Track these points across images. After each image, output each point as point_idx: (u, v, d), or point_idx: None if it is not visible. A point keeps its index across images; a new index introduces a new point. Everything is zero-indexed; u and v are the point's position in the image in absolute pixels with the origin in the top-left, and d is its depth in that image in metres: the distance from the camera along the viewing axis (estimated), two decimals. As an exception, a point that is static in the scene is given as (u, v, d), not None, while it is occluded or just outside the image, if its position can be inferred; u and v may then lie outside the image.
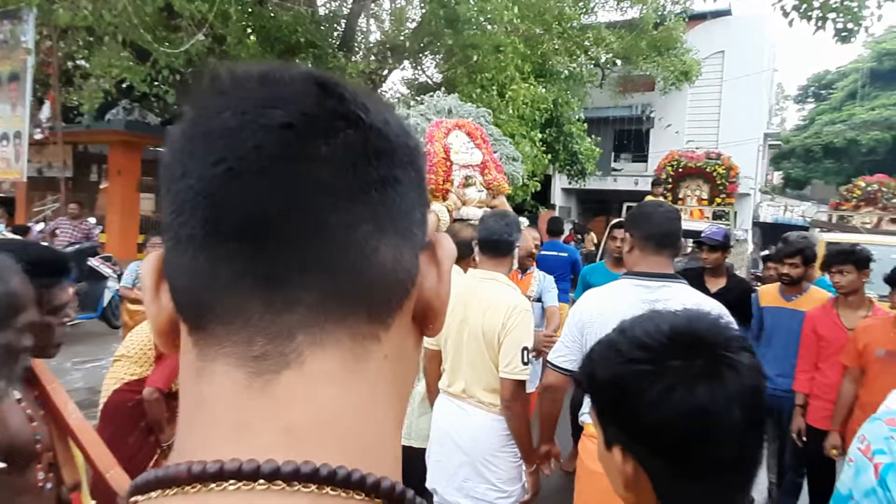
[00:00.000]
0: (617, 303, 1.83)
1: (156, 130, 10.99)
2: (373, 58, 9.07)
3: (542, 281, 3.72)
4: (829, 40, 5.27)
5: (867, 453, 0.94)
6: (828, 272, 3.00)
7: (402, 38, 8.52)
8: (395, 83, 10.33)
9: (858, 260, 2.91)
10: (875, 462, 0.92)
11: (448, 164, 3.63)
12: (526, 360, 2.15)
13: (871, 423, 0.98)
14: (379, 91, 9.64)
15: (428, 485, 2.34)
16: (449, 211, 3.98)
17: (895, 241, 4.95)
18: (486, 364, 2.23)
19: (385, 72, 9.77)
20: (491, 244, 2.27)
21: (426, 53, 9.35)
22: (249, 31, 7.39)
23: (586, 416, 1.96)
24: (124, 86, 7.58)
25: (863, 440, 0.97)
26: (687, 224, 6.10)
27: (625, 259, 2.03)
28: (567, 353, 1.96)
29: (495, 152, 4.55)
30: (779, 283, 3.34)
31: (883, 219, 5.87)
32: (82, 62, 7.56)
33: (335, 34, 9.42)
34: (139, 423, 2.61)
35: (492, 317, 2.20)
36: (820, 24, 5.30)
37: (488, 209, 3.39)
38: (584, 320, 1.93)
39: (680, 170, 8.49)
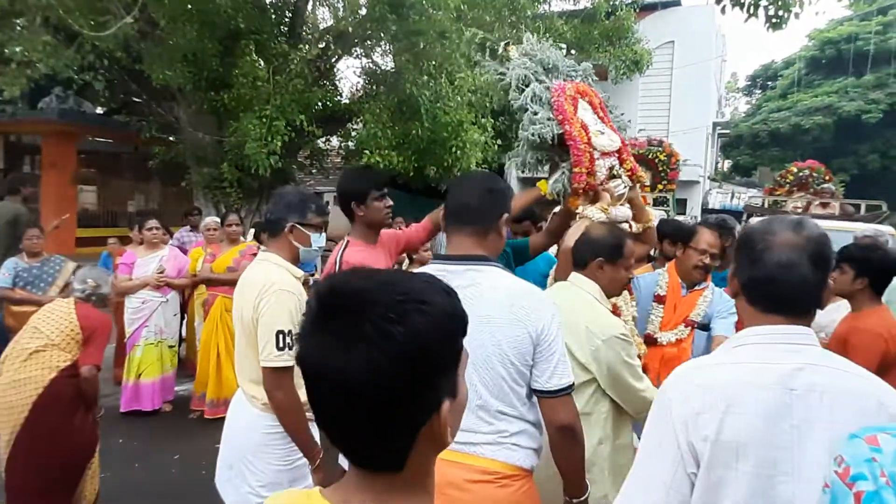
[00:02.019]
0: None
1: (93, 120, 10.55)
2: (321, 46, 8.88)
3: (714, 302, 2.96)
4: (777, 31, 5.41)
5: (845, 478, 0.81)
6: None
7: (347, 25, 8.34)
8: (341, 70, 10.12)
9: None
10: (856, 490, 0.79)
11: (591, 150, 2.57)
12: (282, 344, 1.97)
13: (850, 441, 0.85)
14: (328, 79, 9.47)
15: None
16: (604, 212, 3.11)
17: (822, 224, 5.09)
18: (247, 352, 2.09)
19: (334, 59, 9.58)
20: (262, 225, 2.24)
21: (373, 41, 9.20)
22: (186, 15, 7.10)
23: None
24: (61, 74, 7.22)
25: (840, 462, 0.83)
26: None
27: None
28: None
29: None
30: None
31: (812, 203, 6.06)
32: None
33: (283, 21, 9.17)
34: (79, 402, 2.86)
35: (247, 299, 2.07)
36: (752, 11, 5.40)
37: (624, 208, 2.69)
38: None
39: (623, 156, 8.61)
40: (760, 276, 1.24)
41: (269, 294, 2.02)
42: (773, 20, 5.35)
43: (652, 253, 4.32)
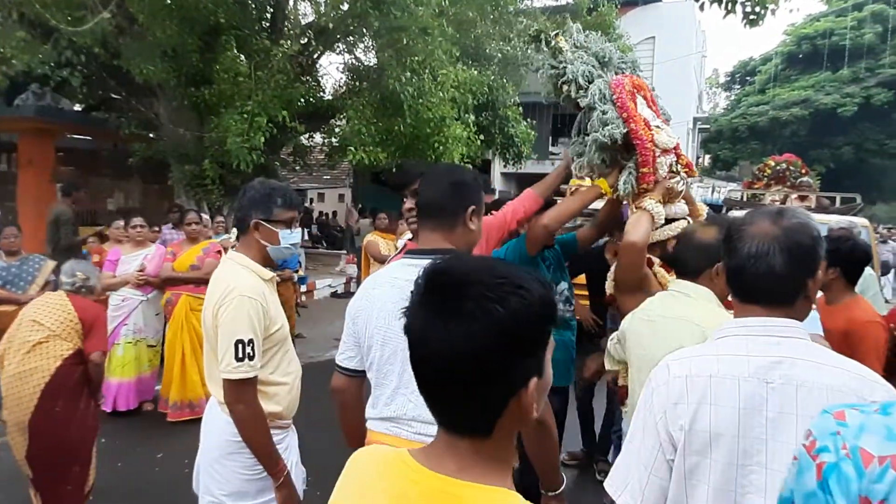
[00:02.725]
0: (384, 287, 1.66)
1: (71, 117, 10.37)
2: (303, 41, 8.82)
3: None
4: (755, 28, 5.50)
5: (811, 450, 0.83)
6: None
7: (329, 20, 8.30)
8: (323, 66, 10.08)
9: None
10: (818, 461, 0.81)
11: (654, 148, 2.46)
12: (241, 354, 1.86)
13: (821, 416, 0.87)
14: (310, 75, 9.42)
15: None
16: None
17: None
18: (212, 358, 1.99)
19: (316, 55, 9.53)
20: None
21: (355, 36, 9.16)
22: (165, 10, 7.01)
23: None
24: (37, 70, 7.09)
25: (808, 435, 0.86)
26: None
27: None
28: (346, 351, 1.76)
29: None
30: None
31: (789, 196, 6.18)
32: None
33: (264, 17, 9.10)
34: (83, 388, 3.05)
35: (208, 304, 1.98)
36: (730, 7, 5.48)
37: (682, 203, 2.62)
38: (352, 311, 1.73)
39: (605, 151, 8.68)
40: (733, 266, 1.27)
41: (229, 300, 1.89)
42: (751, 17, 5.44)
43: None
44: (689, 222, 2.56)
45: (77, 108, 10.58)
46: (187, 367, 4.83)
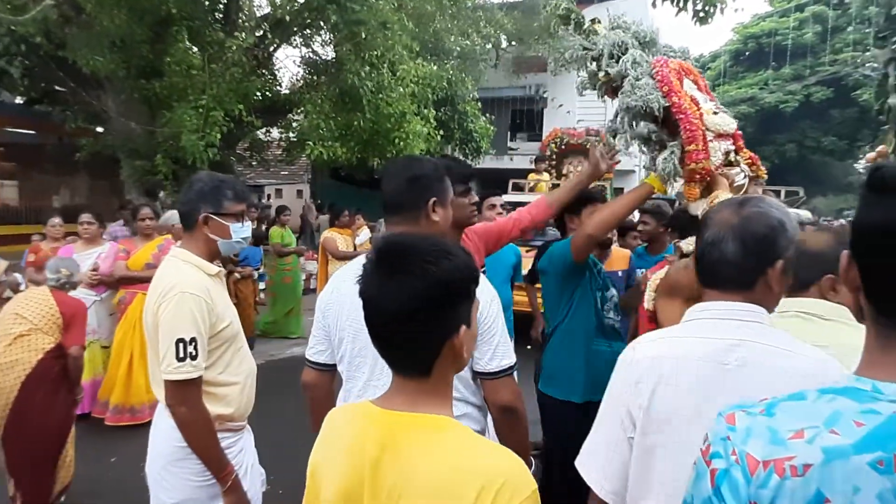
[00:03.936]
0: (348, 281, 1.60)
1: (12, 110, 9.92)
2: (258, 34, 8.63)
3: None
4: (704, 25, 5.70)
5: (706, 455, 0.83)
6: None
7: (285, 13, 8.15)
8: (280, 59, 9.90)
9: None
10: (712, 467, 0.81)
11: (703, 129, 2.13)
12: (182, 354, 1.78)
13: (716, 419, 0.86)
14: (266, 68, 9.23)
15: None
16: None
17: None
18: (154, 359, 1.91)
19: (272, 48, 9.34)
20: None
21: (313, 29, 9.03)
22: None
23: None
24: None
25: (704, 440, 0.86)
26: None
27: None
28: (316, 345, 1.75)
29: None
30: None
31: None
32: None
33: (217, 8, 8.86)
34: (63, 381, 3.13)
35: (148, 302, 1.90)
36: (681, 5, 5.66)
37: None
38: (322, 305, 1.72)
39: (563, 146, 8.87)
40: (697, 253, 1.32)
41: (169, 298, 1.81)
42: (701, 14, 5.64)
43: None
44: None
45: (18, 100, 10.09)
46: (134, 370, 4.64)
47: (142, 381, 4.67)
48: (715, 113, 2.20)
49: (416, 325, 0.96)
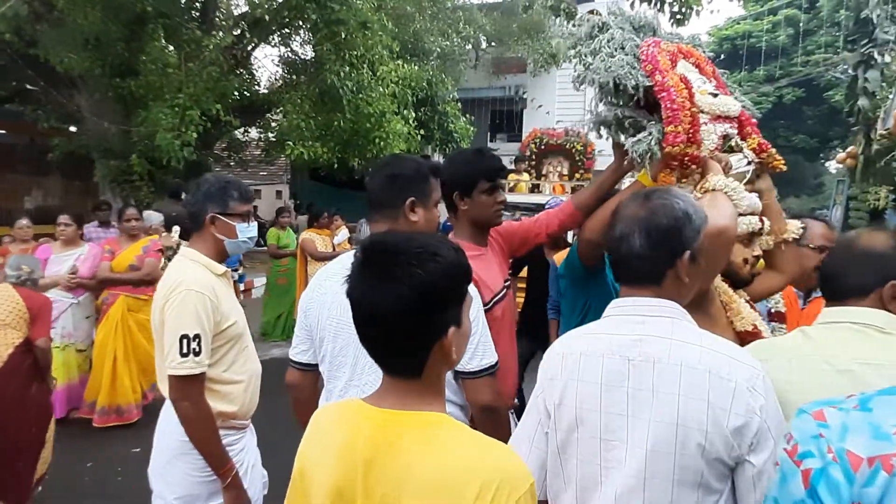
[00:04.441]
0: (335, 279, 1.61)
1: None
2: (236, 33, 8.54)
3: None
4: (681, 27, 5.81)
5: (793, 455, 0.79)
6: None
7: (264, 12, 8.08)
8: (258, 59, 9.81)
9: None
10: (803, 468, 0.76)
11: (693, 109, 1.89)
12: (186, 350, 1.82)
13: (799, 417, 0.82)
14: (245, 68, 9.14)
15: None
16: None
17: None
18: (160, 356, 1.95)
19: (250, 48, 9.26)
20: (176, 219, 2.09)
21: (292, 29, 8.97)
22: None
23: None
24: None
25: (789, 440, 0.81)
26: (542, 199, 6.48)
27: None
28: (299, 345, 1.75)
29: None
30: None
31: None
32: None
33: (194, 6, 8.75)
34: (34, 374, 3.20)
35: (156, 300, 1.94)
36: (658, 7, 5.75)
37: (754, 195, 1.87)
38: (304, 304, 1.73)
39: (543, 147, 8.94)
40: (608, 248, 1.32)
41: (175, 295, 1.85)
42: (678, 16, 5.73)
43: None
44: (762, 226, 1.87)
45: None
46: (119, 371, 4.60)
47: (127, 382, 4.62)
48: (714, 95, 1.97)
49: (403, 329, 0.95)
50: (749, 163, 1.98)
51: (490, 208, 2.05)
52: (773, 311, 2.52)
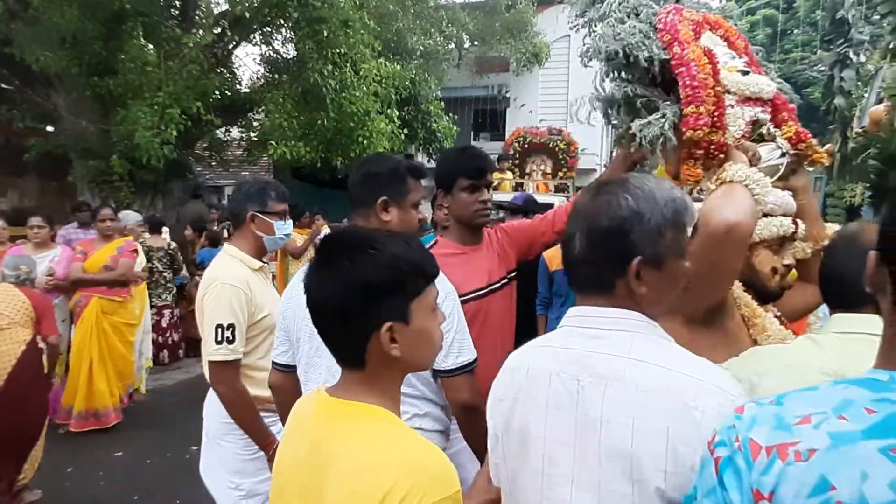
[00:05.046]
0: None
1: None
2: (217, 31, 8.45)
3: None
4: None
5: (710, 445, 0.79)
6: None
7: (245, 10, 8.00)
8: (239, 57, 9.71)
9: None
10: (715, 456, 0.77)
11: (717, 88, 1.56)
12: (220, 338, 1.98)
13: (728, 414, 0.82)
14: (225, 66, 9.04)
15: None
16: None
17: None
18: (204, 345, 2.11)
19: (231, 46, 9.16)
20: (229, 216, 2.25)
21: (273, 27, 8.89)
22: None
23: None
24: None
25: (713, 430, 0.82)
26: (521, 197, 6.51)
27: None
28: (279, 346, 1.77)
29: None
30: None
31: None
32: None
33: (173, 4, 8.64)
34: (39, 372, 3.37)
35: (199, 296, 2.11)
36: None
37: (787, 194, 1.61)
38: (282, 306, 1.76)
39: (526, 145, 8.98)
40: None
41: (212, 289, 2.04)
42: None
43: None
44: (796, 230, 1.60)
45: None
46: (95, 374, 4.54)
47: (103, 386, 4.56)
48: (745, 73, 1.64)
49: (336, 319, 0.99)
50: (783, 154, 1.65)
51: (470, 206, 2.02)
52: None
